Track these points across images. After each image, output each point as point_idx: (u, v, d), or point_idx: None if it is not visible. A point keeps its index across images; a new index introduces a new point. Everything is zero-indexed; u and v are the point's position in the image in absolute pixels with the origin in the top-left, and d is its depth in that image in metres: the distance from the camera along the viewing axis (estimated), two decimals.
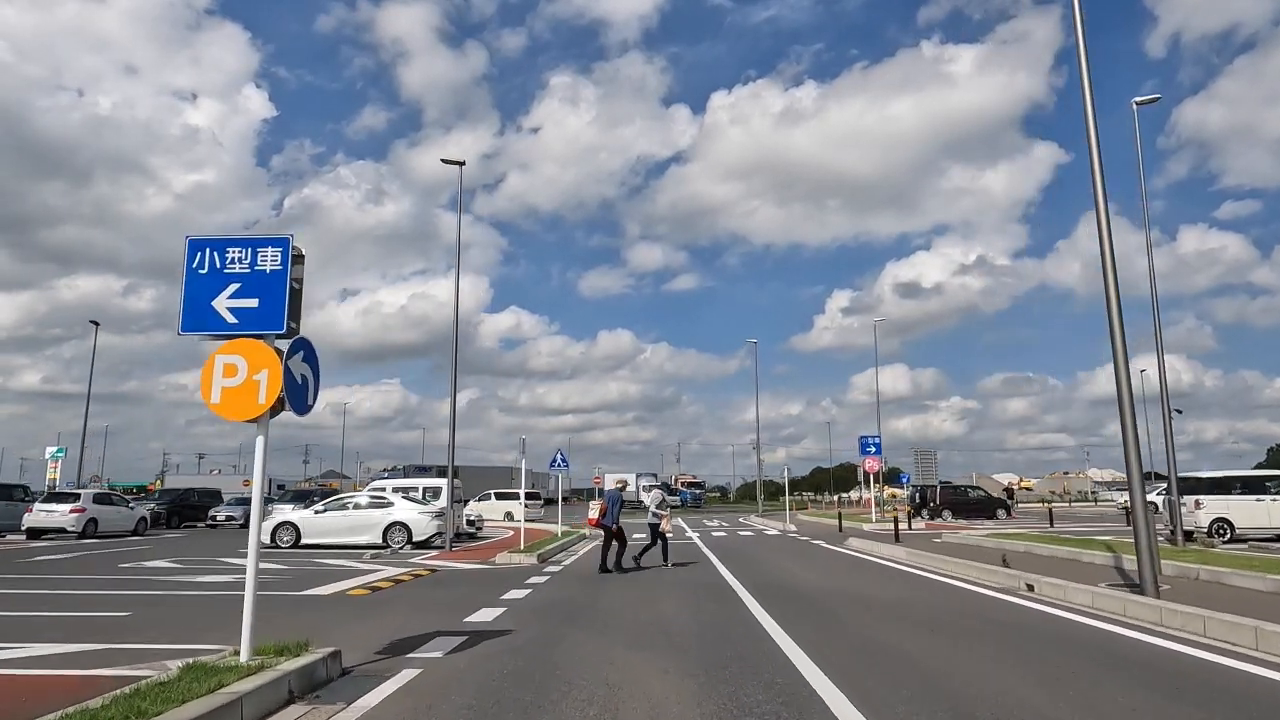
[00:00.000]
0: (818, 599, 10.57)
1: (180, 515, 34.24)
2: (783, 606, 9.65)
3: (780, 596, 10.70)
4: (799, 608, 9.61)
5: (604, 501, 15.46)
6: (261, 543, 19.63)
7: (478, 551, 19.32)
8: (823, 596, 10.86)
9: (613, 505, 15.09)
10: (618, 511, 15.08)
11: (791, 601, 10.20)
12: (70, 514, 24.29)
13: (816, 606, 9.76)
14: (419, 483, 24.21)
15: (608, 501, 15.26)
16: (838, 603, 10.16)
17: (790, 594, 11.09)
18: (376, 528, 20.46)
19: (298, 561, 16.83)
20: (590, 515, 16.12)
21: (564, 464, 23.68)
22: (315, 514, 20.76)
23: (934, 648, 7.14)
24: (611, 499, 15.24)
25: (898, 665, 6.38)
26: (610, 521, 14.90)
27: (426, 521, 20.56)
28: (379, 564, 16.39)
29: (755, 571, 14.26)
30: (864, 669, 6.19)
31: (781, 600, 10.28)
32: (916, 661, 6.53)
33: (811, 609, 9.56)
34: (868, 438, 28.18)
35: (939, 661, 6.52)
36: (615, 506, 15.09)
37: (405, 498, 21.79)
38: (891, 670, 6.18)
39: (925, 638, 7.68)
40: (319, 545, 20.48)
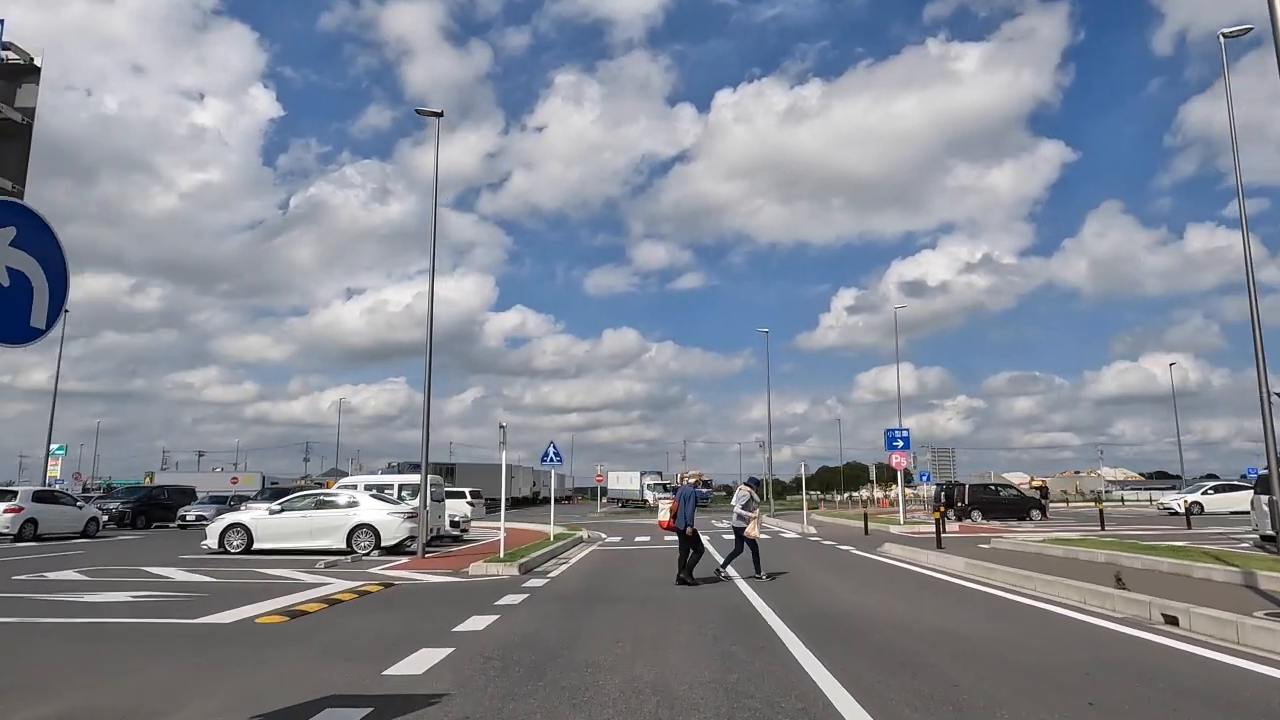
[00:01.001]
0: (887, 641, 7.60)
1: (148, 515, 31.45)
2: (845, 656, 6.71)
3: (833, 635, 7.75)
4: (870, 659, 6.65)
5: (675, 499, 12.55)
6: (209, 548, 16.52)
7: (453, 559, 16.42)
8: (892, 635, 7.90)
9: (685, 504, 12.24)
10: (692, 511, 12.26)
11: (853, 646, 7.25)
12: (4, 514, 21.46)
13: (894, 657, 6.79)
14: (395, 479, 21.34)
15: (679, 499, 12.40)
16: (919, 646, 7.20)
17: (845, 630, 8.14)
18: (339, 530, 17.57)
19: (235, 571, 13.95)
20: (660, 517, 12.92)
21: (556, 458, 20.80)
22: (270, 515, 17.87)
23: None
24: (684, 496, 12.39)
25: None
26: (683, 523, 12.12)
27: (397, 524, 17.66)
28: (329, 575, 13.51)
29: (788, 591, 11.31)
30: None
31: (838, 643, 7.34)
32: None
33: (889, 661, 6.60)
34: (895, 431, 25.23)
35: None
36: (689, 505, 12.25)
37: (377, 496, 18.90)
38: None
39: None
40: (273, 551, 17.61)
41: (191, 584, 12.34)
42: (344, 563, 15.60)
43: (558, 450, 20.62)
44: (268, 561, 15.84)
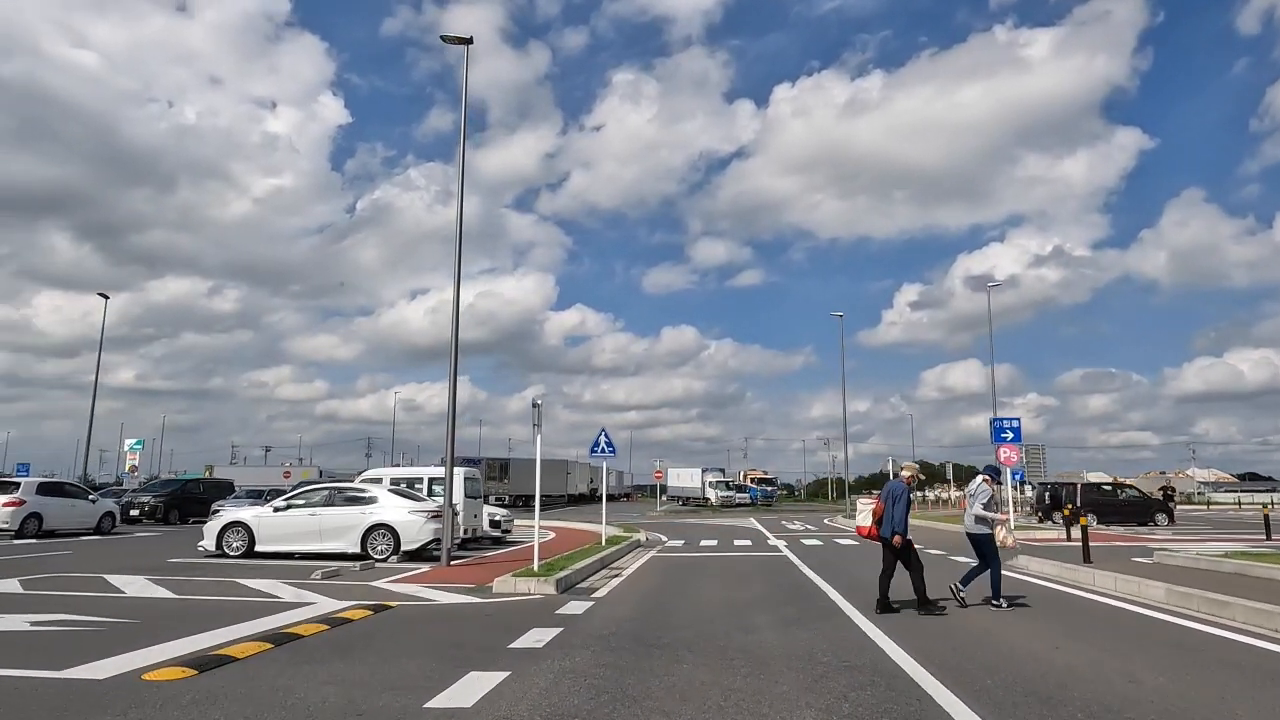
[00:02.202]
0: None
1: (181, 509, 29.36)
2: None
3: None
4: None
5: (879, 498, 9.28)
6: (206, 549, 13.69)
7: (482, 569, 13.38)
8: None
9: (893, 504, 8.94)
10: (905, 513, 8.92)
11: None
12: (4, 508, 19.28)
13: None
14: (425, 472, 18.44)
15: (885, 498, 9.08)
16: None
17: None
18: (353, 531, 14.70)
19: (209, 583, 11.13)
20: (858, 521, 9.48)
21: (609, 449, 17.59)
22: (274, 512, 15.10)
23: None
24: (893, 495, 9.02)
25: None
26: (890, 529, 8.85)
27: (419, 524, 14.70)
28: (321, 590, 10.57)
29: (941, 638, 7.86)
30: None
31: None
32: None
33: None
34: (1003, 420, 21.31)
35: None
36: (899, 506, 8.93)
37: (401, 492, 15.98)
38: None
39: None
40: (278, 554, 14.83)
41: (137, 603, 9.50)
42: (349, 571, 12.69)
43: (609, 439, 17.44)
44: (259, 569, 13.03)
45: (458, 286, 14.59)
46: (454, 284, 14.55)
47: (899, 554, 8.88)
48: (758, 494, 61.08)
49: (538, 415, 12.61)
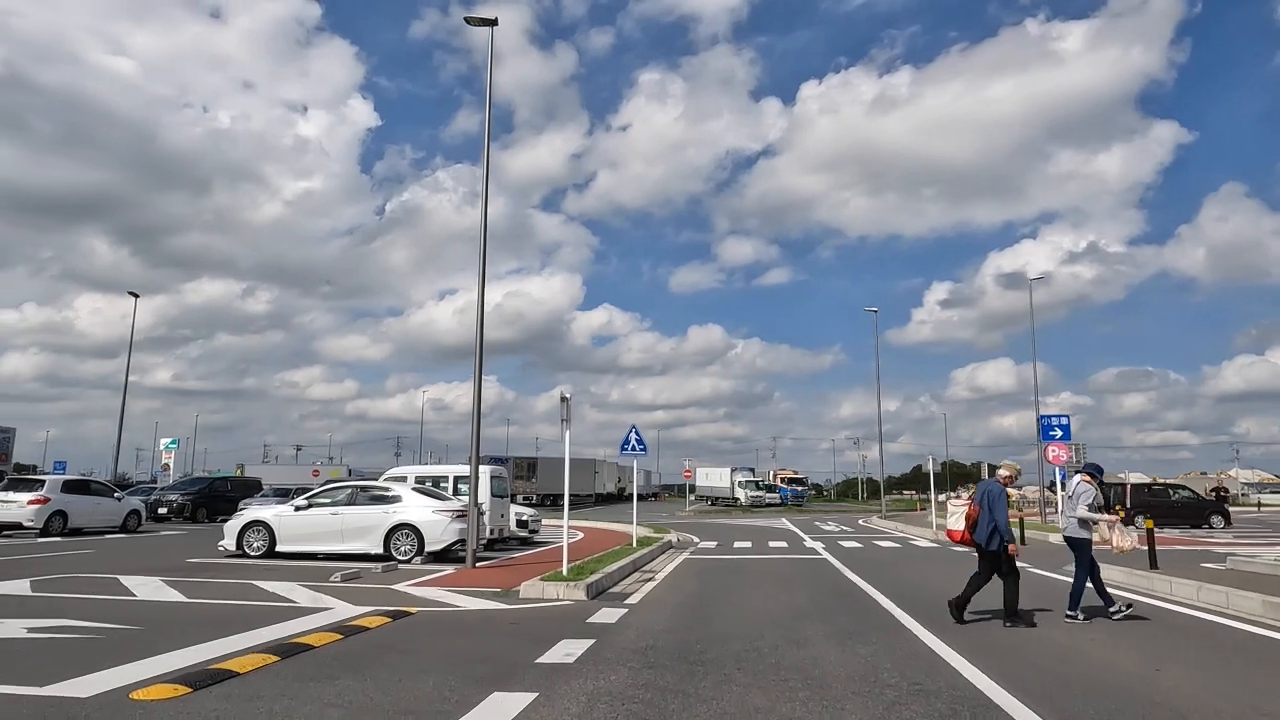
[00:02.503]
0: None
1: (209, 507, 29.14)
2: None
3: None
4: None
5: (972, 499, 8.42)
6: (226, 549, 12.99)
7: (508, 571, 12.74)
8: None
9: (990, 506, 8.06)
10: (1003, 517, 8.04)
11: None
12: (29, 506, 19.02)
13: None
14: (450, 470, 17.84)
15: (981, 500, 8.18)
16: None
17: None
18: (375, 531, 14.13)
19: (224, 586, 10.59)
20: (949, 525, 8.79)
21: (639, 447, 16.88)
22: (295, 511, 14.58)
23: None
24: (989, 497, 8.11)
25: None
26: (999, 538, 8.00)
27: (444, 524, 14.09)
28: (340, 594, 9.97)
29: (1020, 657, 7.06)
30: None
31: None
32: None
33: None
34: (1051, 418, 20.27)
35: None
36: (996, 509, 8.04)
37: (426, 491, 15.39)
38: None
39: None
40: (299, 554, 14.32)
41: (145, 608, 8.95)
42: (370, 573, 12.11)
43: (640, 437, 16.73)
44: (278, 570, 12.49)
45: (483, 273, 13.97)
46: (479, 267, 13.93)
47: (993, 563, 8.06)
48: (788, 494, 59.99)
49: (566, 410, 11.93)
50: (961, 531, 8.29)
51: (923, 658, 6.50)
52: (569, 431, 12.02)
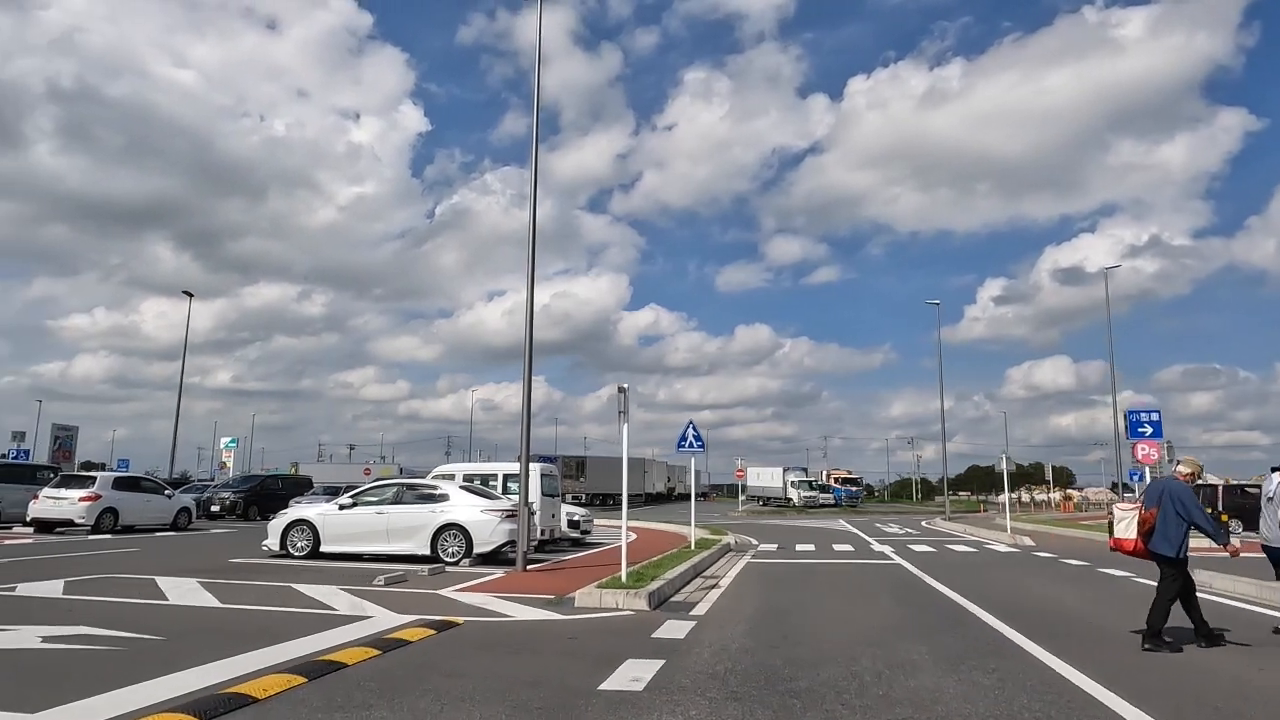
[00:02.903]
0: None
1: (260, 505, 28.98)
2: None
3: None
4: None
5: (1142, 504, 7.25)
6: (270, 549, 12.09)
7: (561, 575, 11.88)
8: None
9: (1184, 508, 6.85)
10: (1203, 516, 6.89)
11: None
12: (80, 503, 18.81)
13: None
14: (499, 468, 17.08)
15: (1157, 501, 7.01)
16: None
17: None
18: (422, 531, 13.41)
19: (263, 589, 9.91)
20: (1117, 532, 7.23)
21: (697, 444, 15.90)
22: (340, 510, 13.94)
23: None
24: (1176, 497, 6.92)
25: None
26: (1175, 542, 6.85)
27: (493, 525, 13.30)
28: (383, 599, 9.20)
29: (1187, 692, 5.93)
30: None
31: None
32: None
33: None
34: (1141, 412, 18.71)
35: None
36: (1193, 510, 6.86)
37: (473, 490, 14.63)
38: None
39: None
40: (344, 555, 13.67)
41: (175, 614, 8.27)
42: (417, 577, 11.35)
43: (697, 433, 15.75)
44: (321, 572, 11.82)
45: (531, 273, 13.14)
46: (528, 268, 13.11)
47: (1170, 573, 6.92)
48: (842, 494, 58.31)
49: (624, 401, 11.00)
50: (1134, 540, 7.05)
51: (1066, 693, 5.39)
52: (626, 425, 11.09)
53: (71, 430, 46.83)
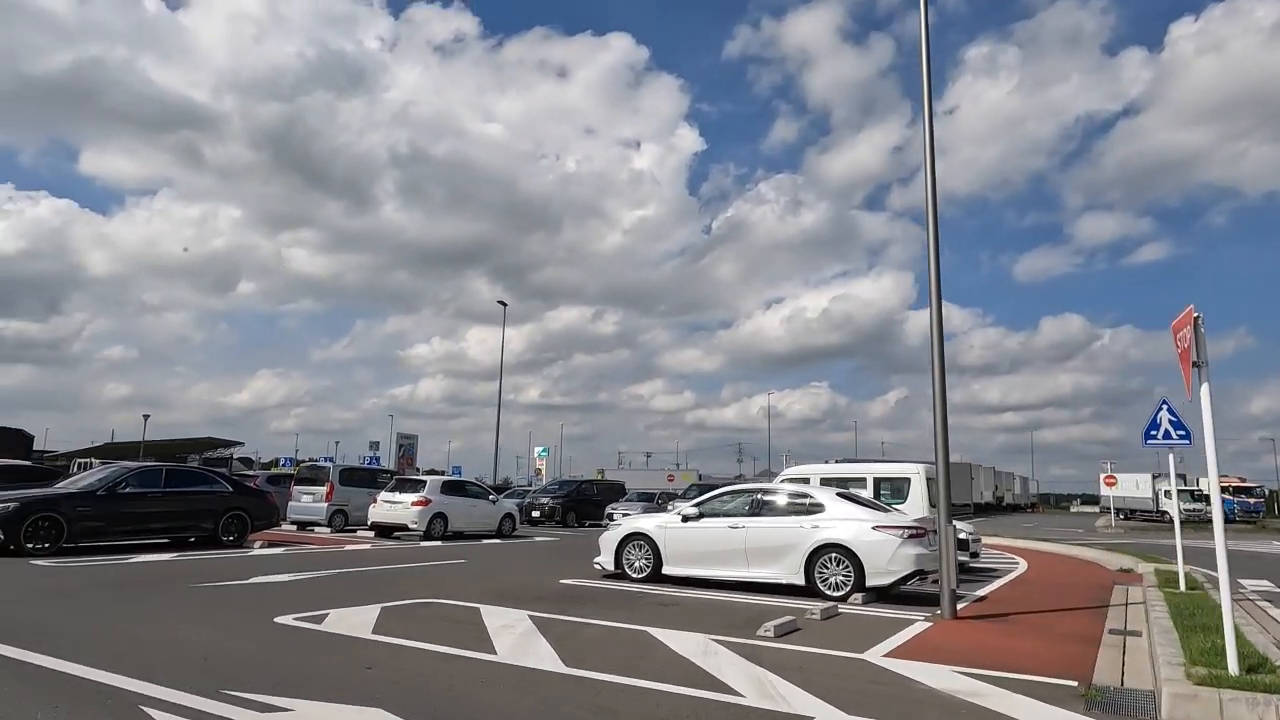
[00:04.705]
0: None
1: (578, 511, 27.85)
2: None
3: None
4: None
5: None
6: (603, 568, 11.25)
7: (1017, 626, 7.69)
8: None
9: None
10: None
11: None
12: (412, 507, 18.04)
13: None
14: (866, 470, 13.10)
15: None
16: None
17: None
18: (793, 553, 9.92)
19: (610, 634, 6.96)
20: None
21: (1180, 434, 10.78)
22: (684, 523, 10.91)
23: None
24: None
25: None
26: None
27: (892, 548, 9.44)
28: (784, 671, 5.73)
29: None
30: None
31: None
32: None
33: None
34: None
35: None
36: None
37: (853, 498, 10.84)
38: None
39: None
40: (690, 580, 10.63)
41: (501, 681, 5.44)
42: (809, 620, 7.82)
43: (1176, 416, 10.57)
44: (674, 607, 8.74)
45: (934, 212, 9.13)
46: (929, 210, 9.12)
47: None
48: (1234, 506, 46.17)
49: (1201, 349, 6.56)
50: None
51: None
52: None
53: (412, 439, 50.96)
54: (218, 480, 15.25)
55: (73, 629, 6.58)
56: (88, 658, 5.44)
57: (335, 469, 20.76)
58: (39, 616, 7.09)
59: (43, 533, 11.98)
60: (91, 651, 5.69)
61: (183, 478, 14.63)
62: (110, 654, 5.64)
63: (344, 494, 19.98)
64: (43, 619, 6.98)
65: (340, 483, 20.11)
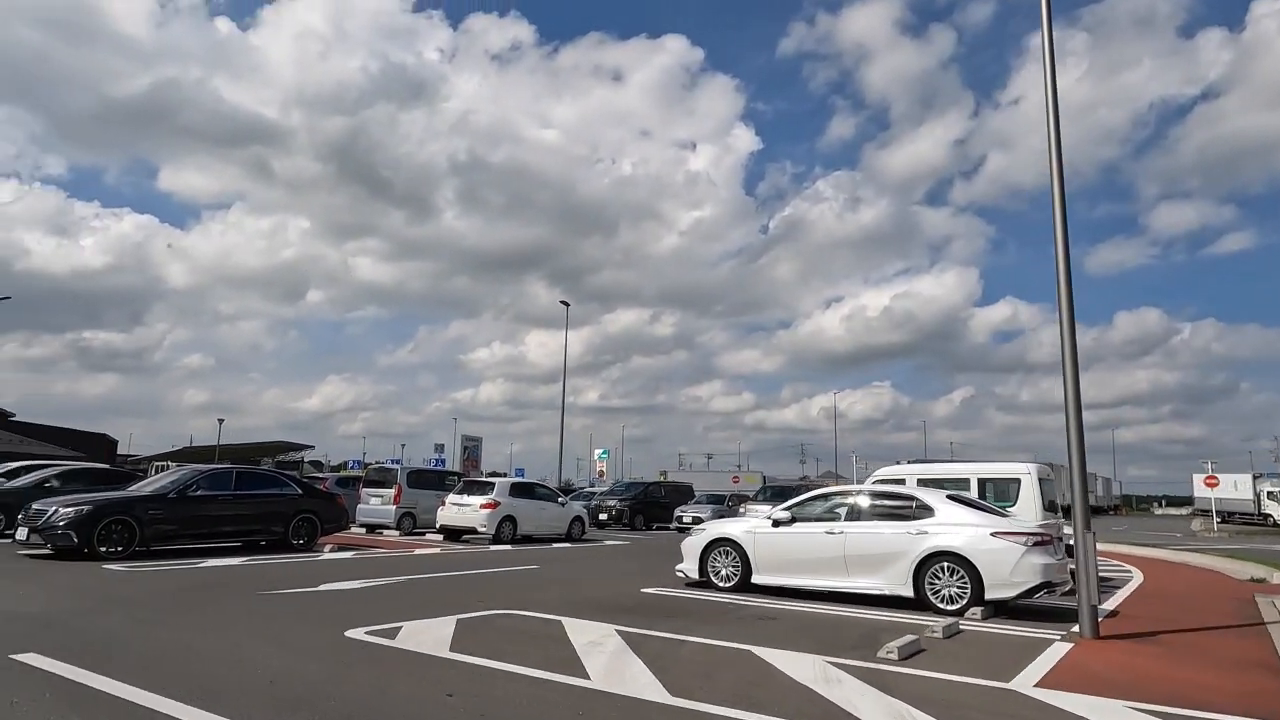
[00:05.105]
0: None
1: (645, 514, 27.15)
2: None
3: None
4: None
5: None
6: (687, 576, 10.46)
7: (1174, 651, 6.64)
8: None
9: None
10: None
11: None
12: (481, 510, 17.56)
13: None
14: (969, 470, 11.93)
15: None
16: None
17: None
18: (899, 562, 9.00)
19: (713, 651, 6.19)
20: None
21: None
22: (774, 528, 10.06)
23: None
24: None
25: None
26: None
27: (1015, 555, 8.46)
28: (933, 712, 4.89)
29: None
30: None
31: None
32: None
33: None
34: None
35: None
36: None
37: (967, 502, 9.79)
38: None
39: None
40: (784, 590, 9.80)
41: (602, 710, 4.72)
42: (931, 640, 6.92)
43: None
44: (774, 621, 7.92)
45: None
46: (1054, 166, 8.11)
47: None
48: None
49: None
50: None
51: None
52: None
53: (476, 440, 51.07)
54: (287, 483, 15.00)
55: (137, 644, 6.11)
56: (149, 679, 4.92)
57: (403, 471, 20.46)
58: (104, 629, 6.67)
59: (115, 536, 11.79)
60: (153, 672, 5.17)
61: (253, 480, 14.39)
62: (173, 675, 5.12)
63: (412, 496, 19.67)
64: (108, 632, 6.55)
65: (408, 485, 19.80)
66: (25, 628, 6.49)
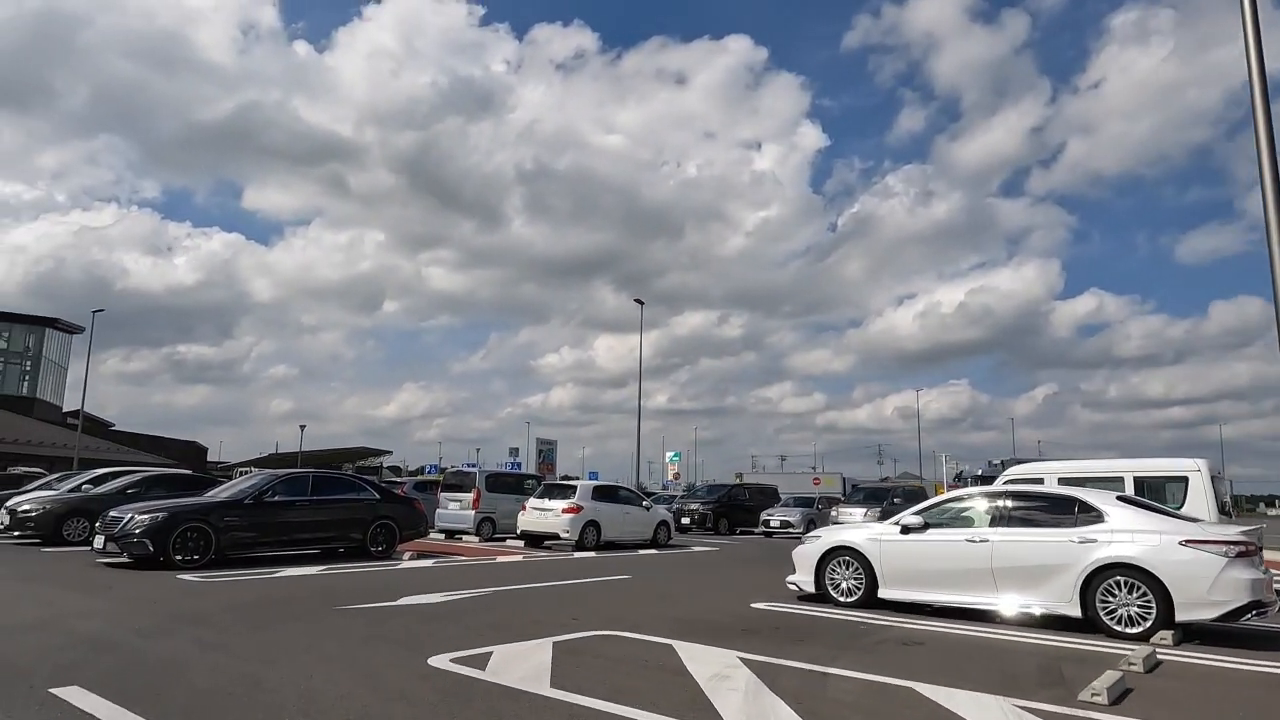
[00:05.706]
0: None
1: (729, 517, 25.92)
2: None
3: None
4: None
5: None
6: (801, 589, 9.39)
7: None
8: None
9: None
10: None
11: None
12: (563, 514, 16.68)
13: None
14: (1123, 467, 10.30)
15: None
16: None
17: None
18: (1063, 575, 7.63)
19: (861, 686, 5.02)
20: None
21: None
22: (903, 534, 8.78)
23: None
24: None
25: None
26: None
27: (1213, 570, 7.01)
28: None
29: None
30: None
31: None
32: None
33: None
34: None
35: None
36: None
37: (1145, 505, 8.31)
38: None
39: None
40: (916, 606, 8.52)
41: None
42: (1137, 677, 5.58)
43: None
44: (920, 646, 6.68)
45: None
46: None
47: None
48: None
49: None
50: None
51: None
52: None
53: (551, 444, 50.67)
54: (365, 487, 14.39)
55: (197, 676, 5.30)
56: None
57: (480, 474, 19.80)
58: (163, 655, 5.91)
59: (191, 544, 11.29)
60: (209, 716, 4.31)
61: (330, 485, 13.82)
62: (233, 718, 4.24)
63: (491, 501, 18.96)
64: (167, 659, 5.78)
65: (486, 489, 19.10)
66: (77, 654, 5.77)
